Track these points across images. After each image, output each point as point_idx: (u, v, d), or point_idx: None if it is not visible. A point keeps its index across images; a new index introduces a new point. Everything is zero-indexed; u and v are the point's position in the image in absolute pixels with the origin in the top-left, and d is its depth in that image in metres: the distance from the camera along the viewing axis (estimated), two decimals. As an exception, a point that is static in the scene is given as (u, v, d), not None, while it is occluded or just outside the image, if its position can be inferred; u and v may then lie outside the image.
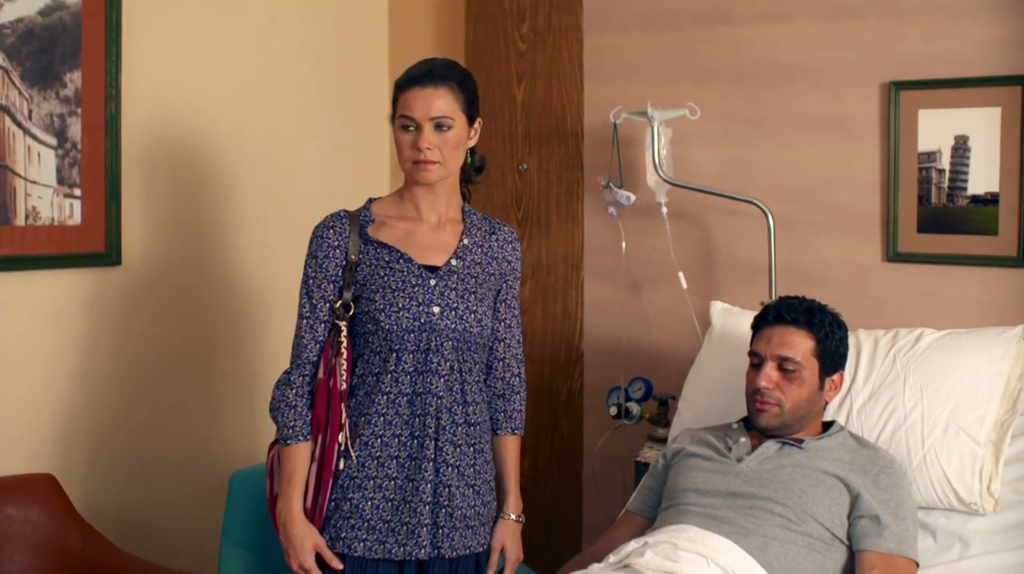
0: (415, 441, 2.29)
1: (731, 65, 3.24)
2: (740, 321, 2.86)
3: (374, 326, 2.31)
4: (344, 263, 2.34)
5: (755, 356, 2.48)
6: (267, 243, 3.47)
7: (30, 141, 2.89)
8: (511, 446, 2.48)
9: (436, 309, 2.30)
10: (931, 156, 2.93)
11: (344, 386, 2.32)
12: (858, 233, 3.06)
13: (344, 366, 2.33)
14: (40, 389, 2.97)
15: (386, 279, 2.31)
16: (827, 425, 2.53)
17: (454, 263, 2.36)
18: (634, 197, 3.23)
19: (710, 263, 3.29)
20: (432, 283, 2.32)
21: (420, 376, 2.30)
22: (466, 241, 2.39)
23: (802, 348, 2.44)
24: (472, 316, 2.34)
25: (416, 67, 2.33)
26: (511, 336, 2.47)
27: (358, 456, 2.30)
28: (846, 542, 2.32)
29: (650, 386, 3.23)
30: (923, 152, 2.94)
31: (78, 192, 3.00)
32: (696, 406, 2.89)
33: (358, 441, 2.30)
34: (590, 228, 3.52)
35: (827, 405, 2.54)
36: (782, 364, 2.43)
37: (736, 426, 2.55)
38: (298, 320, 2.37)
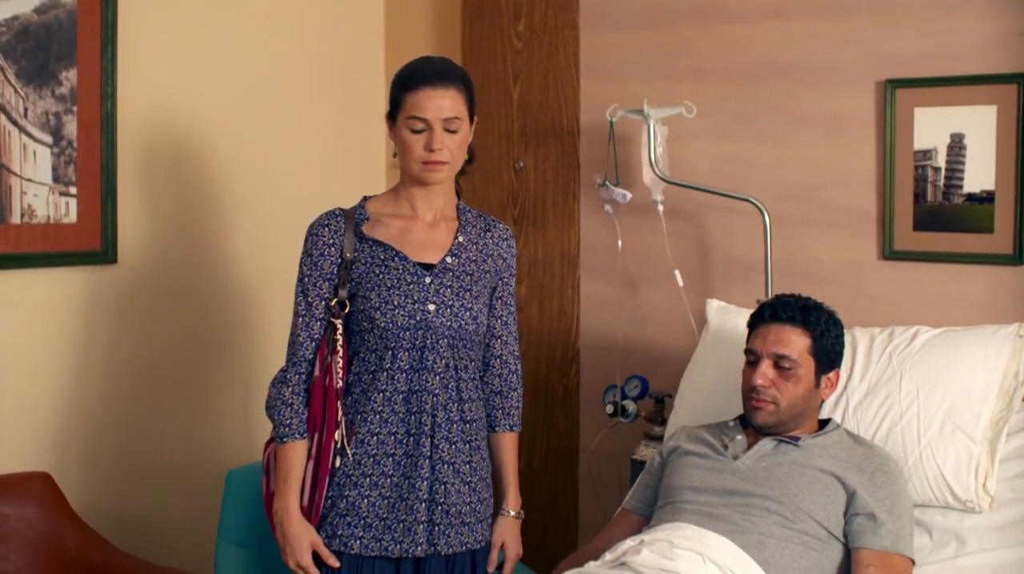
0: (411, 438, 2.29)
1: (727, 63, 3.24)
2: (736, 319, 2.87)
3: (370, 324, 2.31)
4: (339, 261, 2.34)
5: (751, 354, 2.48)
6: (263, 241, 3.47)
7: (26, 139, 2.88)
8: (509, 443, 2.49)
9: (431, 307, 2.30)
10: (927, 154, 2.93)
11: (340, 384, 2.32)
12: (854, 231, 3.06)
13: (340, 364, 2.33)
14: (36, 387, 2.96)
15: (381, 277, 2.31)
16: (823, 423, 2.53)
17: (449, 260, 2.36)
18: (630, 195, 3.23)
19: (706, 261, 3.30)
20: (427, 281, 2.32)
21: (416, 374, 2.30)
22: (461, 238, 2.39)
23: (798, 346, 2.44)
24: (467, 313, 2.34)
25: (421, 66, 2.31)
26: (508, 333, 2.47)
27: (354, 454, 2.30)
28: (842, 540, 2.32)
29: (646, 384, 3.23)
30: (919, 150, 2.94)
31: (74, 190, 2.99)
32: (692, 404, 2.89)
33: (354, 439, 2.30)
34: (586, 226, 3.52)
35: (823, 403, 2.55)
36: (778, 362, 2.43)
37: (732, 424, 2.56)
38: (294, 318, 2.37)
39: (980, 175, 2.86)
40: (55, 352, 3.00)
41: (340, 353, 2.33)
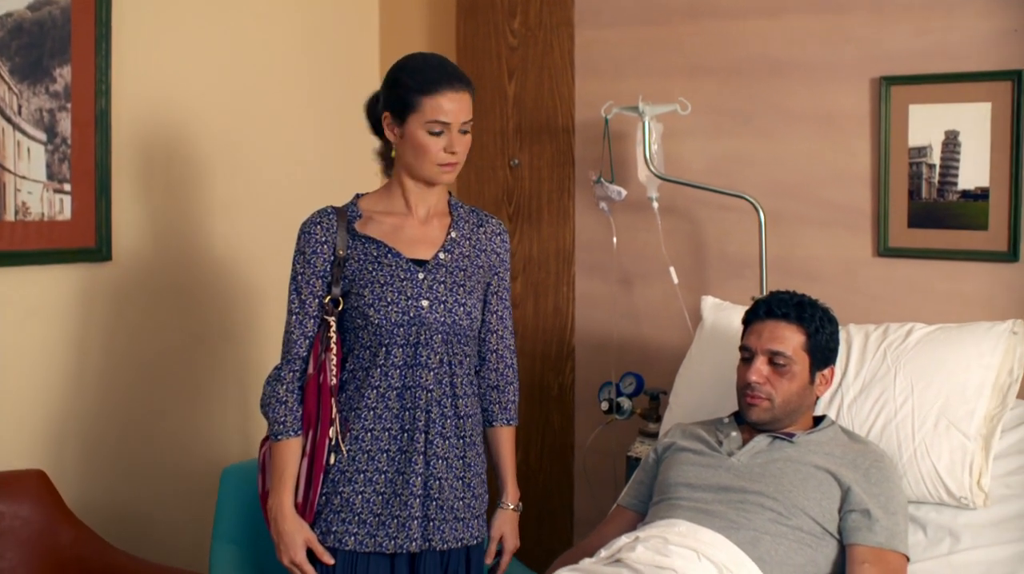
0: (405, 435, 2.29)
1: (722, 60, 3.24)
2: (731, 316, 2.87)
3: (363, 321, 2.31)
4: (332, 259, 2.34)
5: (746, 350, 2.49)
6: (258, 238, 3.47)
7: (19, 136, 2.88)
8: (506, 437, 2.50)
9: (425, 303, 2.30)
10: (921, 151, 2.93)
11: (334, 381, 2.33)
12: (849, 228, 3.06)
13: (334, 361, 2.33)
14: (30, 385, 2.96)
15: (374, 274, 2.31)
16: (818, 419, 2.53)
17: (442, 256, 2.36)
18: (625, 192, 3.23)
19: (701, 258, 3.30)
20: (420, 277, 2.32)
21: (410, 370, 2.30)
22: (454, 234, 2.40)
23: (793, 343, 2.44)
24: (461, 309, 2.34)
25: (435, 68, 2.30)
26: (503, 327, 2.47)
27: (348, 450, 2.30)
28: (837, 536, 2.32)
29: (641, 381, 3.23)
30: (913, 147, 2.95)
31: (68, 187, 2.99)
32: (687, 401, 2.89)
33: (348, 435, 2.30)
34: (581, 223, 3.52)
35: (818, 399, 2.55)
36: (773, 358, 2.43)
37: (727, 420, 2.56)
38: (287, 316, 2.37)
39: (975, 172, 2.86)
40: (49, 350, 3.00)
41: (334, 350, 2.33)
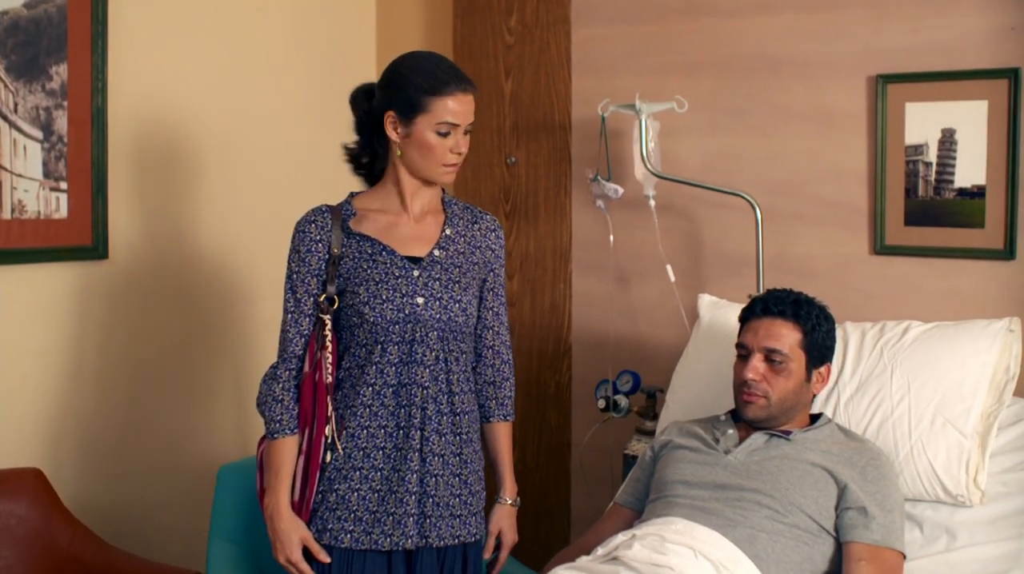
0: (400, 432, 2.30)
1: (719, 58, 3.24)
2: (728, 314, 2.87)
3: (359, 319, 2.31)
4: (327, 257, 2.34)
5: (742, 348, 2.49)
6: (255, 236, 3.47)
7: (16, 134, 2.88)
8: (504, 432, 2.50)
9: (420, 299, 2.31)
10: (918, 149, 2.94)
11: (330, 379, 2.33)
12: (845, 226, 3.07)
13: (329, 359, 2.33)
14: (26, 383, 2.96)
15: (369, 272, 2.31)
16: (815, 417, 2.53)
17: (437, 253, 2.36)
18: (622, 190, 3.23)
19: (698, 256, 3.30)
20: (415, 274, 2.32)
21: (405, 367, 2.30)
22: (448, 231, 2.40)
23: (789, 340, 2.44)
24: (457, 306, 2.34)
25: (444, 69, 2.29)
26: (499, 323, 2.48)
27: (344, 447, 2.30)
28: (833, 534, 2.32)
29: (638, 379, 3.24)
30: (910, 145, 2.95)
31: (64, 186, 2.99)
32: (684, 399, 2.89)
33: (344, 433, 2.30)
34: (578, 221, 3.52)
35: (814, 397, 2.55)
36: (769, 356, 2.43)
37: (724, 418, 2.56)
38: (283, 315, 2.37)
39: (971, 170, 2.87)
40: (46, 348, 3.00)
41: (329, 349, 2.33)
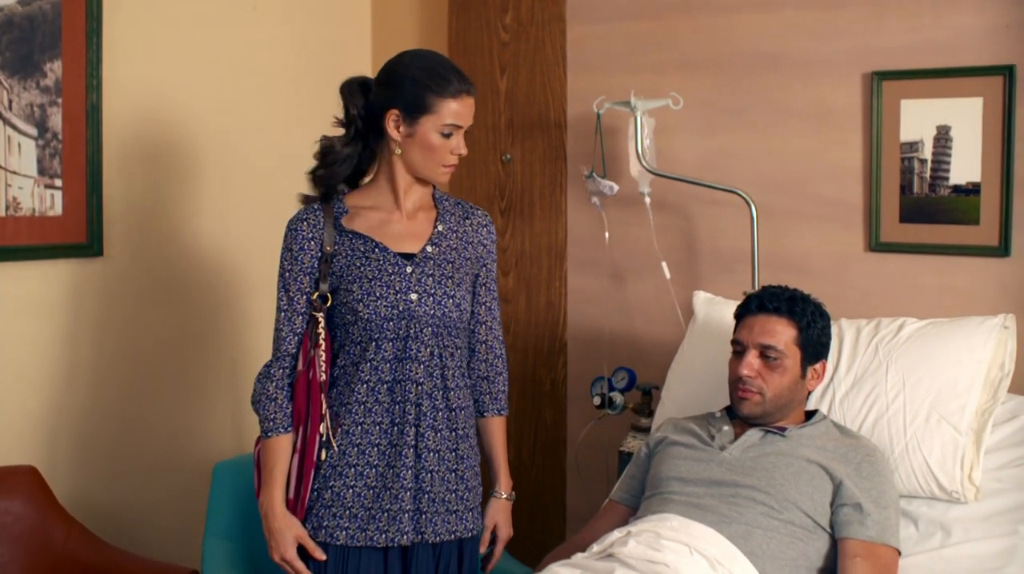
0: (395, 428, 2.30)
1: (714, 54, 3.24)
2: (723, 311, 2.87)
3: (353, 316, 2.31)
4: (320, 255, 2.34)
5: (737, 344, 2.49)
6: (250, 234, 3.46)
7: (10, 131, 2.87)
8: (498, 427, 2.51)
9: (414, 296, 2.31)
10: (913, 146, 2.94)
11: (323, 377, 2.33)
12: (841, 223, 3.07)
13: (323, 357, 2.33)
14: (22, 381, 2.96)
15: (363, 269, 2.31)
16: (810, 414, 2.53)
17: (429, 249, 2.36)
18: (617, 187, 3.23)
19: (693, 253, 3.30)
20: (409, 270, 2.32)
21: (400, 364, 2.30)
22: (440, 227, 2.40)
23: (784, 337, 2.44)
24: (450, 301, 2.34)
25: (452, 71, 2.30)
26: (492, 318, 2.48)
27: (339, 444, 2.30)
28: (828, 530, 2.33)
29: (633, 376, 3.24)
30: (905, 142, 2.95)
31: (59, 183, 2.98)
32: (679, 395, 2.89)
33: (339, 431, 2.30)
34: (573, 218, 3.52)
35: (810, 394, 2.55)
36: (764, 352, 2.44)
37: (719, 415, 2.56)
38: (276, 313, 2.37)
39: (966, 167, 2.87)
40: (41, 346, 2.99)
41: (323, 346, 2.33)
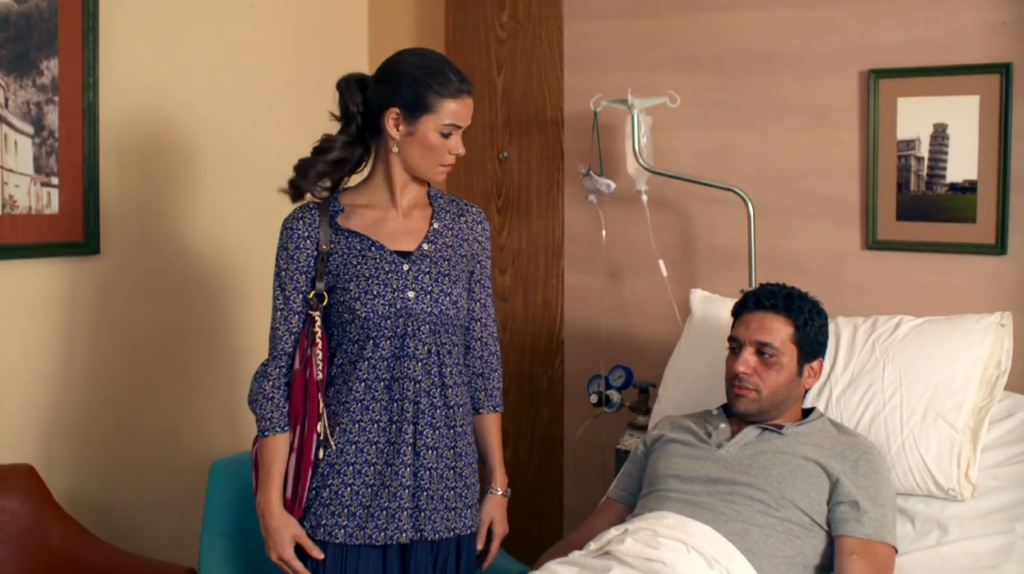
0: (393, 426, 2.29)
1: (711, 52, 3.24)
2: (720, 308, 2.87)
3: (350, 315, 2.31)
4: (315, 254, 2.34)
5: (734, 342, 2.49)
6: (247, 232, 3.46)
7: (7, 129, 2.87)
8: (493, 423, 2.51)
9: (411, 294, 2.31)
10: (910, 144, 2.94)
11: (320, 376, 2.32)
12: (837, 221, 3.07)
13: (320, 356, 2.33)
14: (18, 379, 2.95)
15: (359, 267, 2.31)
16: (807, 412, 2.54)
17: (426, 247, 2.36)
18: (614, 185, 3.23)
19: (690, 251, 3.30)
20: (405, 268, 2.32)
21: (397, 361, 2.30)
22: (436, 225, 2.40)
23: (781, 334, 2.44)
24: (447, 299, 2.34)
25: (454, 71, 2.30)
26: (487, 315, 2.48)
27: (337, 443, 2.30)
28: (825, 528, 2.33)
29: (630, 374, 3.24)
30: (902, 140, 2.95)
31: (55, 181, 2.98)
32: (676, 393, 2.89)
33: (337, 429, 2.30)
34: (570, 216, 3.52)
35: (807, 392, 2.55)
36: (760, 349, 2.44)
37: (716, 412, 2.56)
38: (272, 313, 2.37)
39: (963, 165, 2.87)
40: (37, 344, 2.99)
41: (320, 345, 2.33)
